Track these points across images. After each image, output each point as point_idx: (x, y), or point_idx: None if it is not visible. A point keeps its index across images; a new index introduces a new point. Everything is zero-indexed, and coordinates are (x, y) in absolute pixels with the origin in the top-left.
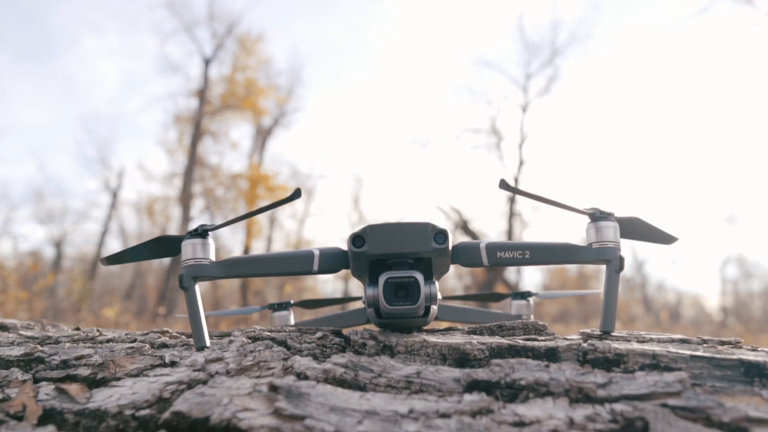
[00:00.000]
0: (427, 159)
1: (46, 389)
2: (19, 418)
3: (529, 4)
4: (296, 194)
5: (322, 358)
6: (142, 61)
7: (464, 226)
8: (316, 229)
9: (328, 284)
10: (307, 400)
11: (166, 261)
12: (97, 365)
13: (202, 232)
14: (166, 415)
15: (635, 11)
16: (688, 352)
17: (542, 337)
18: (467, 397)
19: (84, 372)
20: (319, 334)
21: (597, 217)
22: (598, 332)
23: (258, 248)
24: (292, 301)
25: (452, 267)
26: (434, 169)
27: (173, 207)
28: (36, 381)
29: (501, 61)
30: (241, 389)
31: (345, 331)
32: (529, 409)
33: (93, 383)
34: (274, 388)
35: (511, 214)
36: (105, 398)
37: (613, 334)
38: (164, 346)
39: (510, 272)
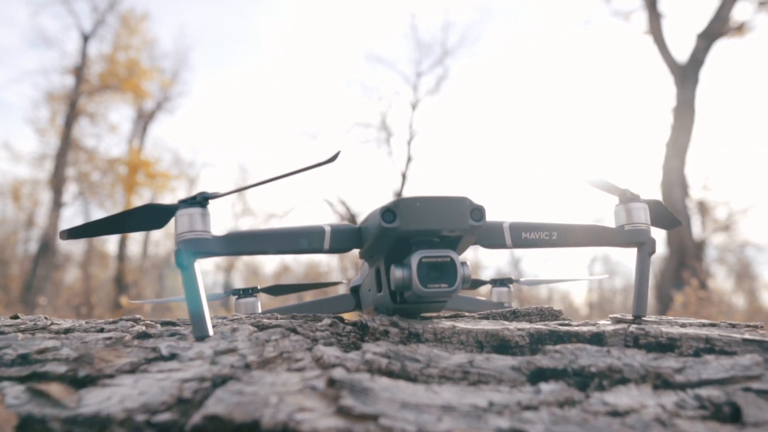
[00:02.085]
0: (316, 151)
1: (13, 391)
2: None
3: (422, 4)
4: (335, 156)
5: (340, 347)
6: (10, 31)
7: (351, 220)
8: None
9: (208, 276)
10: (374, 396)
11: (33, 249)
12: (72, 360)
13: (201, 200)
14: (195, 419)
15: (524, 19)
16: (738, 336)
17: (576, 323)
18: (544, 386)
19: (57, 368)
20: (327, 320)
21: (628, 198)
22: (629, 317)
23: (138, 238)
24: (258, 287)
25: None
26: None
27: (43, 191)
28: None
29: (393, 57)
30: (289, 385)
31: (347, 317)
32: (617, 398)
33: (74, 382)
34: (332, 383)
35: None
36: (102, 401)
37: (644, 319)
38: (147, 335)
39: None
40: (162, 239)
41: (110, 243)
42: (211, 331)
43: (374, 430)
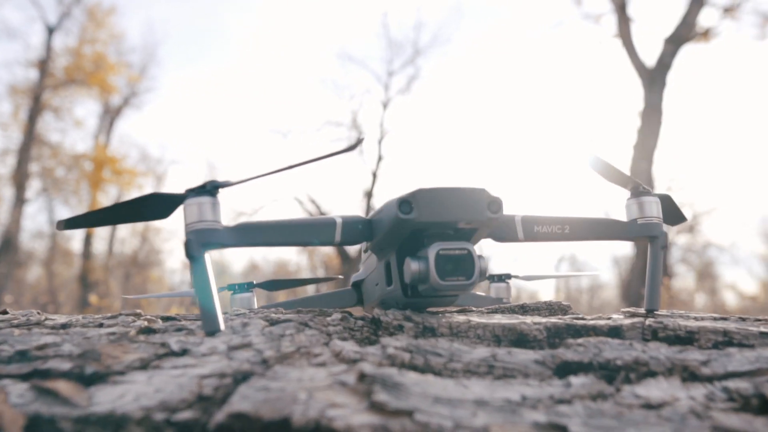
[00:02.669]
0: (287, 149)
1: (16, 389)
2: None
3: (395, 3)
4: (358, 143)
5: (356, 342)
6: None
7: None
8: None
9: (175, 275)
10: (405, 391)
11: None
12: (76, 356)
13: (211, 189)
14: (219, 417)
15: (495, 20)
16: (755, 329)
17: (590, 317)
18: (574, 380)
19: (61, 365)
20: (337, 315)
21: (640, 191)
22: (641, 311)
23: (100, 236)
24: (254, 282)
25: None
26: (293, 160)
27: (5, 187)
28: None
29: (365, 56)
30: (317, 381)
31: (358, 312)
32: (648, 390)
33: (80, 380)
34: (362, 377)
35: (368, 209)
36: (114, 399)
37: (657, 313)
38: (151, 331)
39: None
40: (128, 237)
41: (75, 240)
42: (222, 326)
43: (410, 426)
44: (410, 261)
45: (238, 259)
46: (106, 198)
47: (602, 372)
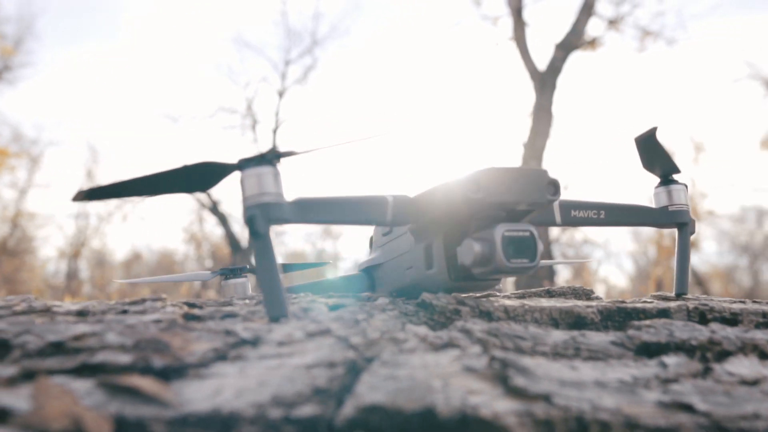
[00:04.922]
0: (177, 135)
1: (79, 387)
2: None
3: None
4: (432, 124)
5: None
6: None
7: (213, 208)
8: (41, 202)
9: (51, 263)
10: (534, 374)
11: None
12: (131, 347)
13: (271, 159)
14: (347, 411)
15: (394, 15)
16: None
17: (630, 300)
18: (668, 359)
19: (117, 358)
20: (384, 299)
21: (669, 180)
22: (671, 294)
23: None
24: (248, 266)
25: None
26: (184, 146)
27: None
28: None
29: (262, 43)
30: (444, 367)
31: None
32: (736, 368)
33: (148, 374)
34: (494, 361)
35: None
36: (210, 395)
37: (686, 296)
38: (195, 317)
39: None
40: None
41: None
42: (288, 311)
43: (555, 412)
44: (473, 242)
45: (119, 249)
46: None
47: (680, 352)
